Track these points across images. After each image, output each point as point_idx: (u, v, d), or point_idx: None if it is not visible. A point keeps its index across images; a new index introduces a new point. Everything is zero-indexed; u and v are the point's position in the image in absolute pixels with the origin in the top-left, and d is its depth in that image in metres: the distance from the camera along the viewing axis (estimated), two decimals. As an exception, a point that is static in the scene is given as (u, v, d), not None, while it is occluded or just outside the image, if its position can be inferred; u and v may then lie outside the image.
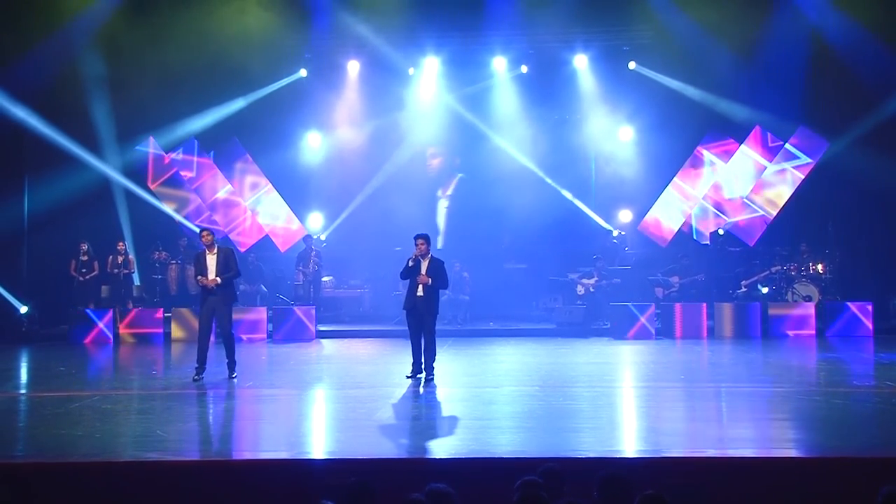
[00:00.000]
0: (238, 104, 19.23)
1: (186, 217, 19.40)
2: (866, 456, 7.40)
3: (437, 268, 11.48)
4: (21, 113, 16.98)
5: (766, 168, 18.89)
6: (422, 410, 9.92)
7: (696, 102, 18.69)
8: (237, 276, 12.03)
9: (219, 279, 11.65)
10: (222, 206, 19.79)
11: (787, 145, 18.72)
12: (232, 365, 11.81)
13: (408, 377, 11.46)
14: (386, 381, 11.52)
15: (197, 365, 11.65)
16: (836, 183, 17.87)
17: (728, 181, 19.14)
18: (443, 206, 20.36)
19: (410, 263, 11.42)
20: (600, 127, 19.52)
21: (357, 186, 19.80)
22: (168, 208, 19.29)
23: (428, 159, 20.43)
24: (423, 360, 11.49)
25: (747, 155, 19.06)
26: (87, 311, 16.82)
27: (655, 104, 18.93)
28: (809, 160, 18.57)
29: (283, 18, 18.19)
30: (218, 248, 11.86)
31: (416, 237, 11.51)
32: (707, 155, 19.28)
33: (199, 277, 11.70)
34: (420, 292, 11.43)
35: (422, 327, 11.47)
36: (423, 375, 11.44)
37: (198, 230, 13.65)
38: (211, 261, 11.70)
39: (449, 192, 20.37)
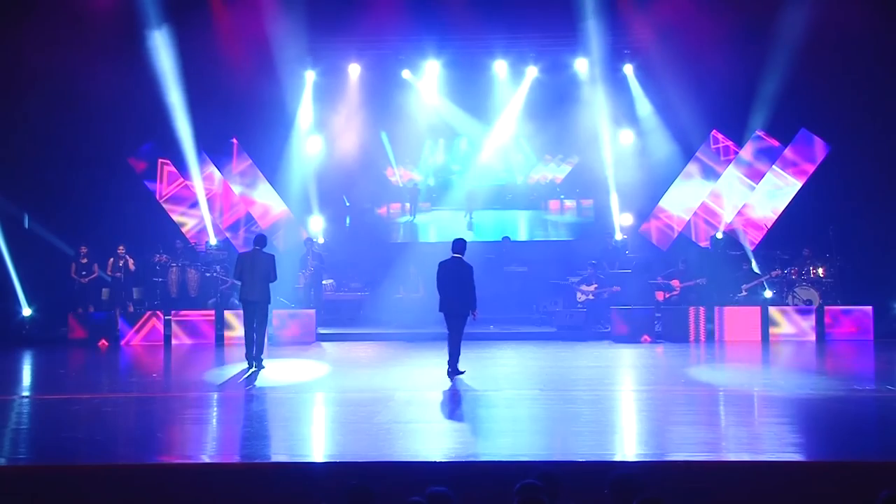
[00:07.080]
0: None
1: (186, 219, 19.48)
2: (866, 460, 7.41)
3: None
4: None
5: (765, 173, 18.87)
6: (422, 414, 9.93)
7: (697, 105, 18.64)
8: (274, 279, 13.25)
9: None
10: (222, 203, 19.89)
11: (788, 149, 18.70)
12: (259, 358, 12.93)
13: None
14: (386, 384, 11.52)
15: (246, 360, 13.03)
16: (837, 186, 17.84)
17: (725, 190, 19.14)
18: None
19: None
20: (601, 130, 19.47)
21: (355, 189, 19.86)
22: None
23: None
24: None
25: (744, 162, 19.06)
26: (87, 314, 16.81)
27: (656, 107, 18.91)
28: (810, 164, 18.56)
29: (283, 21, 18.17)
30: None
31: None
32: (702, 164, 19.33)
33: None
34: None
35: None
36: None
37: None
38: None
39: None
